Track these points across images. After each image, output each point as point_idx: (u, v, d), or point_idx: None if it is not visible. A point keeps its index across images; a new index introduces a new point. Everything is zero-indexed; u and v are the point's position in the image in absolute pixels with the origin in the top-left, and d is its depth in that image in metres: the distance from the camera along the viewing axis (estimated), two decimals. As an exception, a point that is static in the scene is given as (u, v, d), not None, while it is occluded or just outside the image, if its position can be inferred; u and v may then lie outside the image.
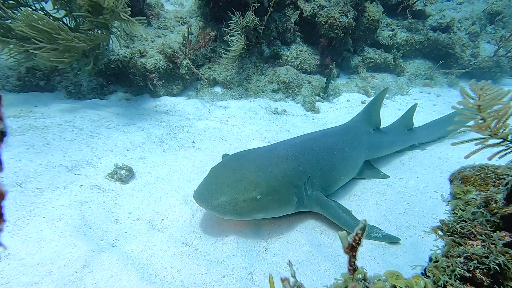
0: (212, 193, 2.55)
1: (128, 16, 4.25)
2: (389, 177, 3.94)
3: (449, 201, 1.48)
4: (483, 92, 1.30)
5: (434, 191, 3.70)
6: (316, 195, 2.98)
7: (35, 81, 5.20)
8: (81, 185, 3.07)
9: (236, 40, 5.89)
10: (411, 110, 4.66)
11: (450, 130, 5.23)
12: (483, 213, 1.16)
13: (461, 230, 1.16)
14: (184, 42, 5.70)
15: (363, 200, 3.43)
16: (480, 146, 1.31)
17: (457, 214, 1.24)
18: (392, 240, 2.81)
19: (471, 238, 1.12)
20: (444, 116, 5.22)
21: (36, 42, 4.07)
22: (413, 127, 4.79)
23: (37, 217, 2.55)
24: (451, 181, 1.53)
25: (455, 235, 1.18)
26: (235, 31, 5.91)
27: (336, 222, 2.82)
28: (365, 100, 6.94)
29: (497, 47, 9.54)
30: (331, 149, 3.36)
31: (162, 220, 2.79)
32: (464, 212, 1.22)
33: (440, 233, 1.28)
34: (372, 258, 2.59)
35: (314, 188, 3.02)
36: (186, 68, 5.93)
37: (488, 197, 1.21)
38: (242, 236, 2.69)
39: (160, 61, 5.63)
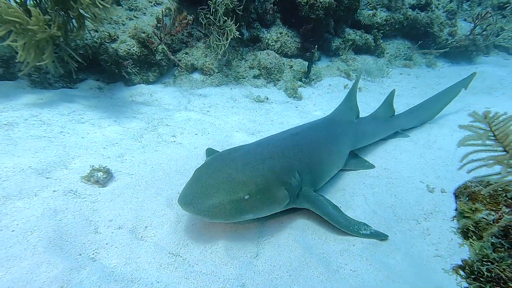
0: (198, 196, 2.42)
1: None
2: (374, 167, 3.93)
3: (455, 217, 1.42)
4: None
5: (420, 181, 3.72)
6: (306, 191, 2.91)
7: (-8, 68, 4.73)
8: (54, 191, 2.83)
9: (227, 26, 5.58)
10: (390, 97, 4.64)
11: (431, 115, 5.34)
12: (510, 253, 1.08)
13: (488, 274, 1.09)
14: (158, 25, 5.33)
15: (351, 195, 3.39)
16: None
17: (473, 245, 1.17)
18: (381, 237, 2.80)
19: (501, 284, 1.05)
20: (425, 101, 5.25)
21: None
22: (395, 113, 4.78)
23: (5, 231, 2.32)
24: (456, 196, 1.46)
25: (481, 279, 1.11)
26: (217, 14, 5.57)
27: (326, 219, 2.77)
28: (347, 85, 6.87)
29: (473, 25, 9.64)
30: (317, 143, 3.31)
31: (146, 227, 2.63)
32: (482, 243, 1.15)
33: (463, 273, 1.20)
34: (364, 259, 2.57)
35: (303, 183, 2.94)
36: (162, 54, 5.58)
37: (507, 225, 1.14)
38: (231, 241, 2.58)
39: (134, 46, 5.25)
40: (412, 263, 2.62)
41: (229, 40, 5.68)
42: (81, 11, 4.21)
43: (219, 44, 5.71)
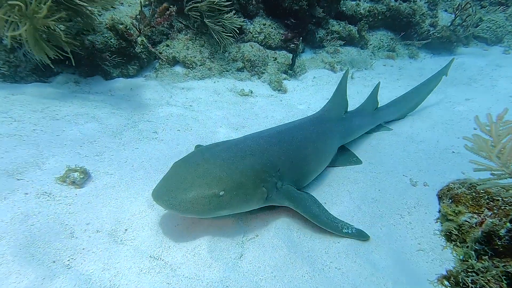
0: (171, 190, 2.36)
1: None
2: (361, 162, 3.91)
3: (438, 219, 1.39)
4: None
5: (403, 175, 3.74)
6: (286, 188, 2.86)
7: (-44, 62, 4.45)
8: (26, 193, 2.68)
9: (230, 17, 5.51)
10: (375, 90, 4.64)
11: (414, 106, 5.39)
12: (493, 263, 1.06)
13: (473, 285, 1.06)
14: (137, 16, 5.12)
15: (336, 190, 3.38)
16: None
17: (456, 249, 1.14)
18: (362, 237, 2.76)
19: (487, 297, 1.03)
20: (406, 93, 5.29)
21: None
22: (379, 106, 4.79)
23: (-28, 239, 2.19)
24: (439, 197, 1.44)
25: (466, 292, 1.08)
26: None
27: (307, 216, 2.74)
28: (332, 78, 6.83)
29: (454, 16, 9.76)
30: (302, 141, 3.25)
31: (126, 230, 2.53)
32: (466, 249, 1.12)
33: (447, 284, 1.18)
34: (349, 256, 2.56)
35: (284, 181, 2.89)
36: (141, 46, 5.37)
37: (490, 230, 1.12)
38: (214, 242, 2.52)
39: (111, 38, 5.02)
40: (396, 259, 2.63)
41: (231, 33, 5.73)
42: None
43: (223, 38, 5.71)
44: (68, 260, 2.20)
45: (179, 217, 2.69)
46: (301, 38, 6.71)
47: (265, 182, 2.66)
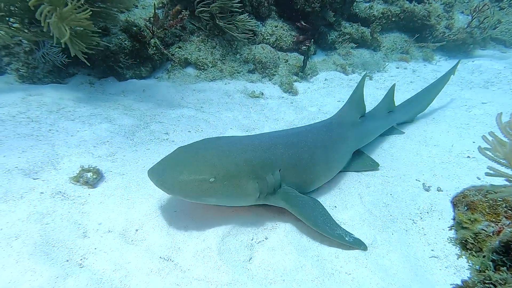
0: (165, 169, 2.50)
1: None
2: (378, 166, 3.82)
3: (452, 226, 1.36)
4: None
5: (416, 179, 3.68)
6: (286, 190, 2.83)
7: (-22, 63, 4.60)
8: (42, 193, 2.74)
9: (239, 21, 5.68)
10: (391, 92, 4.58)
11: (423, 108, 5.32)
12: None
13: None
14: (151, 19, 5.18)
15: (347, 194, 3.34)
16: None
17: (472, 258, 1.11)
18: (360, 246, 2.65)
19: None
20: (417, 93, 5.23)
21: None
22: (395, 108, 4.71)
23: (-11, 236, 2.25)
24: (454, 204, 1.40)
25: (483, 304, 1.06)
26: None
27: (302, 219, 2.70)
28: (343, 80, 6.78)
29: (470, 17, 9.54)
30: (311, 146, 3.17)
31: (137, 230, 2.56)
32: (483, 260, 1.09)
33: None
34: (360, 261, 2.53)
35: (285, 183, 2.86)
36: (154, 48, 5.44)
37: (508, 240, 1.09)
38: (224, 244, 2.52)
39: (125, 40, 5.11)
40: (408, 265, 2.59)
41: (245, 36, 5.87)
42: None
43: (237, 39, 5.84)
44: (81, 260, 2.24)
45: (189, 218, 2.71)
46: (312, 40, 6.68)
47: (260, 179, 2.66)
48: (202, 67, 5.81)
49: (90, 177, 2.96)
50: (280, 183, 2.82)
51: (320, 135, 3.39)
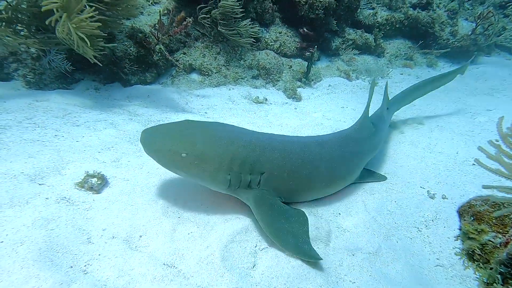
0: (153, 134, 2.76)
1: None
2: (386, 178, 3.74)
3: (458, 236, 1.35)
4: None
5: (420, 187, 3.66)
6: (259, 192, 2.77)
7: (-14, 69, 4.67)
8: (47, 198, 2.75)
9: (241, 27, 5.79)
10: (385, 90, 4.64)
11: (418, 95, 5.22)
12: None
13: None
14: (156, 26, 5.24)
15: (351, 201, 3.33)
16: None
17: (480, 270, 1.10)
18: (313, 258, 2.46)
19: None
20: (418, 83, 5.38)
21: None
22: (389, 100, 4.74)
23: (-6, 242, 2.26)
24: (460, 214, 1.39)
25: (491, 318, 1.05)
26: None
27: (260, 223, 2.62)
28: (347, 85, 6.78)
29: (475, 24, 9.54)
30: (316, 160, 3.02)
31: (140, 236, 2.56)
32: (490, 272, 1.08)
33: None
34: (364, 269, 2.51)
35: (269, 188, 2.81)
36: (159, 54, 5.49)
37: (515, 253, 1.08)
38: (227, 251, 2.51)
39: (131, 46, 5.16)
40: (413, 274, 2.57)
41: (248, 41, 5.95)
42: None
43: (240, 44, 5.94)
44: (85, 266, 2.24)
45: (193, 224, 2.71)
46: (316, 46, 6.71)
47: (234, 174, 2.69)
48: (206, 73, 5.85)
49: (95, 183, 2.97)
50: (259, 185, 2.79)
51: (329, 149, 3.20)
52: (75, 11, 3.60)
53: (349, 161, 3.36)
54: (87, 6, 3.72)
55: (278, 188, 2.87)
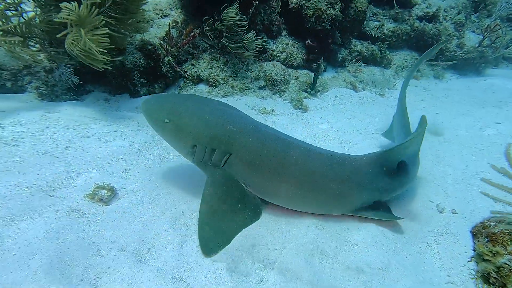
0: (154, 101, 3.18)
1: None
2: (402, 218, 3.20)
3: (473, 257, 1.34)
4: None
5: (429, 200, 3.63)
6: (222, 171, 2.96)
7: (1, 81, 4.77)
8: (58, 210, 2.79)
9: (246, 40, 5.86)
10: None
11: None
12: None
13: None
14: (165, 38, 5.33)
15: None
16: None
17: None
18: (206, 250, 2.59)
19: None
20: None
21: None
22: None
23: (7, 255, 2.28)
24: (474, 235, 1.39)
25: None
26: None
27: (201, 199, 2.86)
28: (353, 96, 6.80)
29: (482, 37, 9.54)
30: (287, 161, 2.90)
31: (149, 249, 2.57)
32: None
33: None
34: (374, 286, 2.48)
35: (231, 169, 2.96)
36: (168, 65, 5.57)
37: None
38: (236, 264, 2.51)
39: (140, 58, 5.25)
40: (423, 290, 2.53)
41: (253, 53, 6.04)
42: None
43: (244, 56, 6.04)
44: (95, 279, 2.25)
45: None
46: (322, 57, 6.76)
47: (200, 145, 2.93)
48: (214, 84, 5.91)
49: (105, 194, 3.01)
50: (224, 165, 2.96)
51: (311, 161, 2.98)
52: (90, 26, 3.69)
53: (329, 186, 2.98)
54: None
55: (243, 176, 2.98)
